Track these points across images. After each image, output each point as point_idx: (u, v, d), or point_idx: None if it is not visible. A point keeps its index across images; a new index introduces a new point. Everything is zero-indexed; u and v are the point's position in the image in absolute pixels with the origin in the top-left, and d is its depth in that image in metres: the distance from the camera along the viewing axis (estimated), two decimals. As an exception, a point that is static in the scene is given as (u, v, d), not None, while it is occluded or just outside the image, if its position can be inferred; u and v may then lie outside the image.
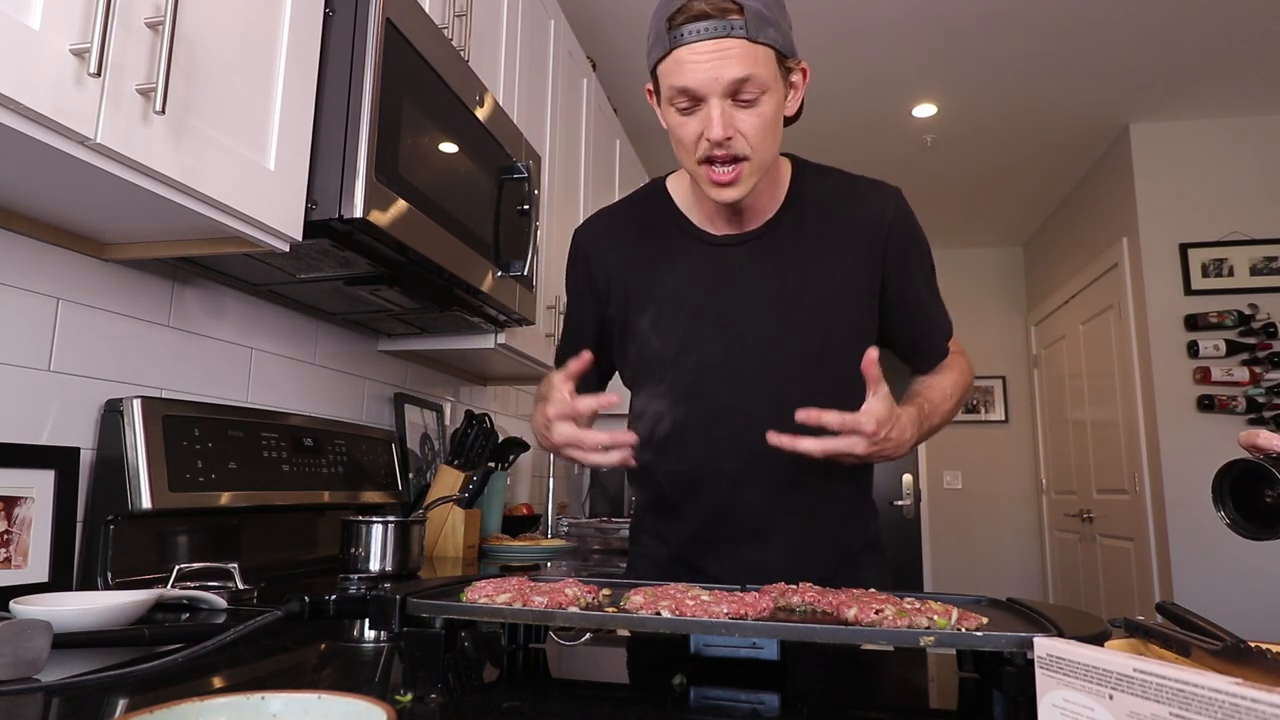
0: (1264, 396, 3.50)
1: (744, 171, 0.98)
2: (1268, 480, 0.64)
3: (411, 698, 0.64)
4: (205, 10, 1.03)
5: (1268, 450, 0.68)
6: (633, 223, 1.17)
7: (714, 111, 0.94)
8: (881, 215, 1.09)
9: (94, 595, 1.01)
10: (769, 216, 1.10)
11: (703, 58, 0.92)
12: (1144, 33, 3.11)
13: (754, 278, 1.08)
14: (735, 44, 0.92)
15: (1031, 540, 5.35)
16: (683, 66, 0.94)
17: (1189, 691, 0.41)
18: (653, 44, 0.99)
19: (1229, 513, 0.67)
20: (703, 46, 0.92)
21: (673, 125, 1.00)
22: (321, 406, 1.81)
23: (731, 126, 0.95)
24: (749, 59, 0.93)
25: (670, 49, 0.95)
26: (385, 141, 1.29)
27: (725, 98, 0.94)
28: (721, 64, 0.92)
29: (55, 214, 1.13)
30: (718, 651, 0.72)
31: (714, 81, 0.93)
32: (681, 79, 0.94)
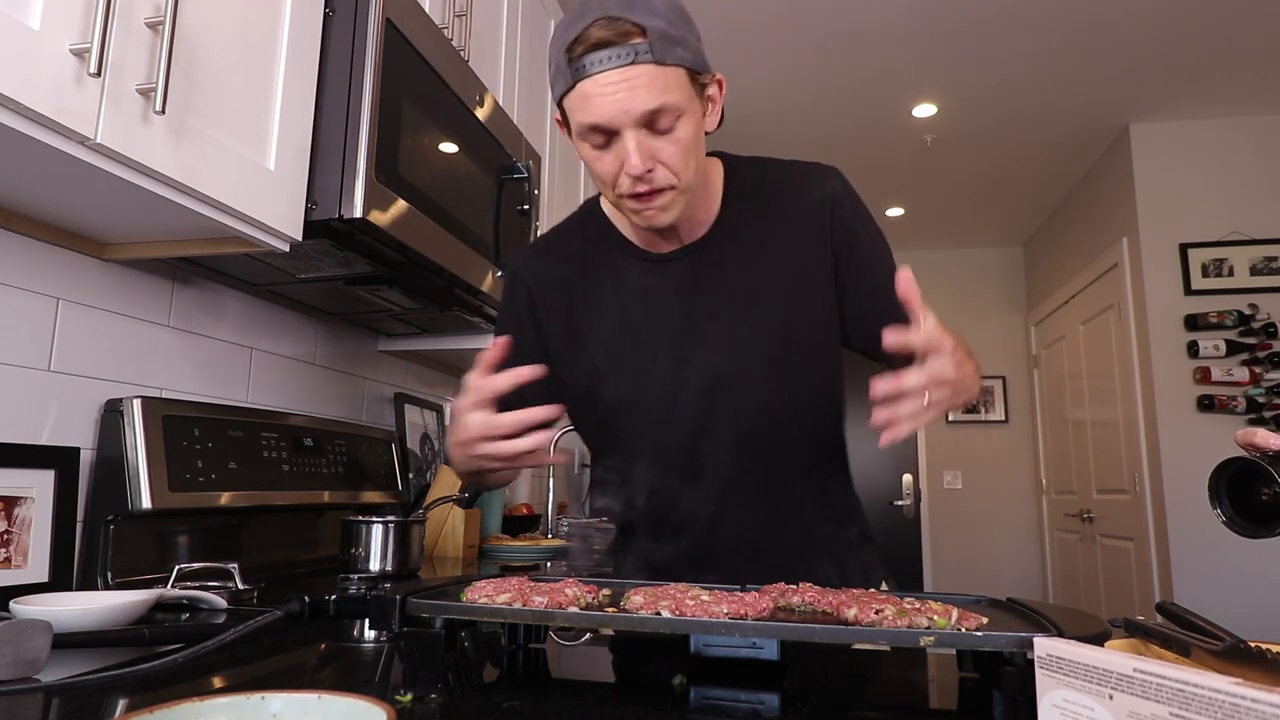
0: (1264, 396, 3.50)
1: (670, 198, 0.92)
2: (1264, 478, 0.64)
3: (411, 698, 0.63)
4: (205, 10, 1.03)
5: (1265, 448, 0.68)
6: (571, 250, 1.10)
7: (629, 145, 0.87)
8: (820, 197, 1.03)
9: (94, 595, 1.01)
10: (708, 226, 1.04)
11: (610, 90, 0.85)
12: (1144, 33, 3.11)
13: (704, 291, 1.02)
14: (642, 70, 0.85)
15: (1031, 540, 5.35)
16: (589, 101, 0.87)
17: (1189, 691, 0.41)
18: (554, 76, 0.91)
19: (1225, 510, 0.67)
20: (607, 78, 0.85)
21: (588, 160, 0.93)
22: (321, 406, 1.81)
23: (651, 158, 0.88)
24: (659, 85, 0.86)
25: (574, 82, 0.87)
26: (385, 141, 1.29)
27: (639, 128, 0.87)
28: (630, 95, 0.85)
29: (55, 214, 1.13)
30: (718, 651, 0.72)
31: (625, 115, 0.86)
32: (589, 115, 0.87)
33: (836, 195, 1.04)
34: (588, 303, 1.06)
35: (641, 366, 1.03)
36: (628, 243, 1.07)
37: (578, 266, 1.08)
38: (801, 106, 3.67)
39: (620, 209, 0.97)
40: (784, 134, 3.84)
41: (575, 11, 0.89)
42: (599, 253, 1.08)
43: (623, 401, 1.05)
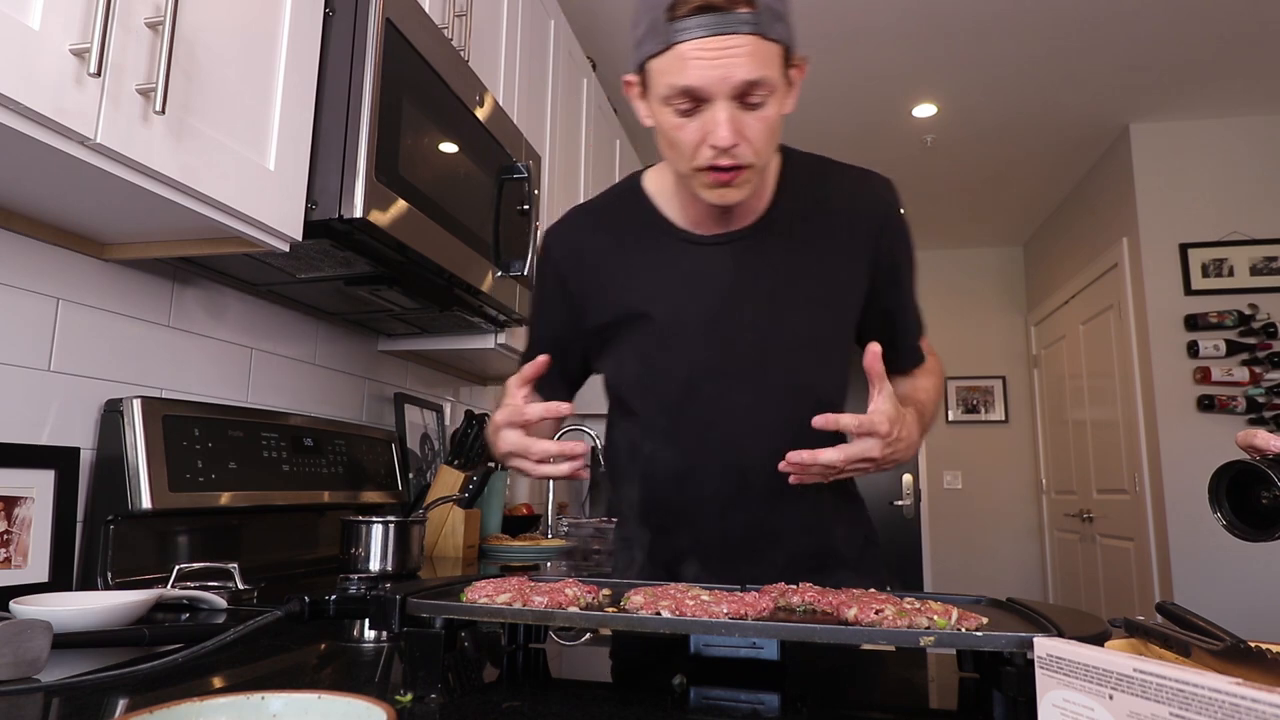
0: (1264, 396, 3.50)
1: (745, 175, 0.91)
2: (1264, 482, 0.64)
3: (411, 698, 0.63)
4: (205, 10, 1.03)
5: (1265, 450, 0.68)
6: (609, 224, 1.08)
7: (721, 115, 0.85)
8: (874, 209, 1.03)
9: (94, 595, 1.01)
10: (759, 214, 1.03)
11: (710, 55, 0.83)
12: (1144, 33, 3.11)
13: (743, 280, 1.01)
14: (746, 41, 0.83)
15: (1031, 540, 5.35)
16: (686, 64, 0.84)
17: (1189, 691, 0.41)
18: (645, 34, 0.88)
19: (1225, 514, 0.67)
20: (710, 43, 0.83)
21: (667, 127, 0.90)
22: (321, 406, 1.81)
23: (739, 132, 0.86)
24: (760, 59, 0.84)
25: (671, 43, 0.84)
26: (385, 141, 1.29)
27: (732, 100, 0.85)
28: (732, 63, 0.83)
29: (55, 214, 1.13)
30: (718, 651, 0.72)
31: (723, 82, 0.84)
32: (685, 78, 0.84)
33: (889, 214, 1.04)
34: (617, 279, 1.06)
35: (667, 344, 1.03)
36: (668, 222, 1.05)
37: (613, 241, 1.07)
38: (801, 106, 3.66)
39: (689, 182, 0.94)
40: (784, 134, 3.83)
41: None
42: (636, 230, 1.06)
43: (639, 380, 1.06)
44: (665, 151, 0.95)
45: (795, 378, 1.01)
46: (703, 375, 1.02)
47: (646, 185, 1.08)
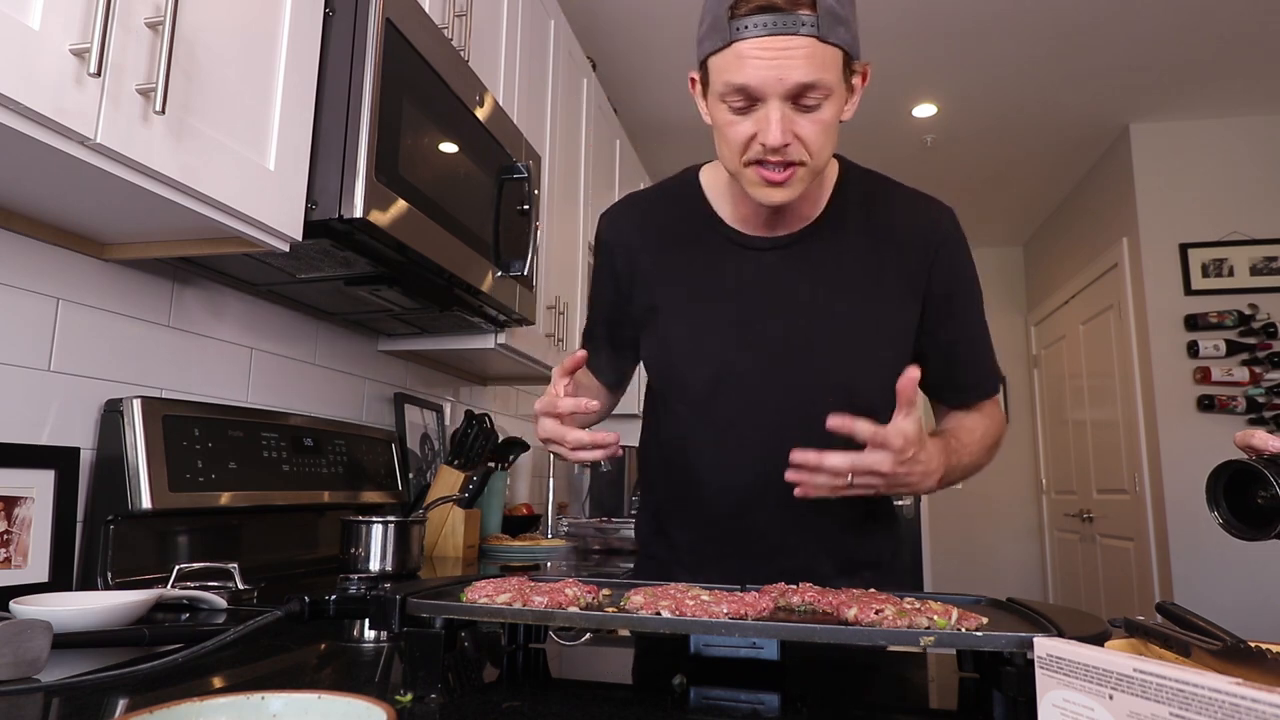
0: (1264, 396, 3.50)
1: (797, 175, 0.90)
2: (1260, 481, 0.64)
3: (411, 698, 0.63)
4: (205, 10, 1.03)
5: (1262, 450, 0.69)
6: (661, 215, 1.10)
7: (773, 115, 0.86)
8: (931, 234, 1.02)
9: (94, 595, 1.01)
10: (808, 222, 1.02)
11: (767, 55, 0.84)
12: (1144, 33, 3.11)
13: (785, 286, 1.01)
14: (804, 43, 0.83)
15: (1031, 540, 5.35)
16: (743, 62, 0.85)
17: (1189, 691, 0.41)
18: (706, 32, 0.89)
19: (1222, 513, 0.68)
20: (768, 43, 0.84)
21: (721, 123, 0.91)
22: (321, 406, 1.81)
23: (790, 132, 0.87)
24: (817, 62, 0.84)
25: (730, 41, 0.85)
26: (385, 141, 1.29)
27: (786, 100, 0.86)
28: (788, 64, 0.84)
29: (55, 214, 1.13)
30: (718, 651, 0.72)
31: (777, 83, 0.84)
32: (741, 76, 0.85)
33: (949, 236, 1.02)
34: (662, 271, 1.07)
35: (704, 342, 1.03)
36: (719, 220, 1.06)
37: (662, 232, 1.08)
38: (801, 106, 3.67)
39: (739, 177, 0.94)
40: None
41: None
42: (688, 224, 1.07)
43: (670, 373, 1.07)
44: (719, 147, 0.95)
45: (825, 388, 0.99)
46: (730, 376, 1.02)
47: (703, 178, 1.09)
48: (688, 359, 1.04)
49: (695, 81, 0.97)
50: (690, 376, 1.04)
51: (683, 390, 1.06)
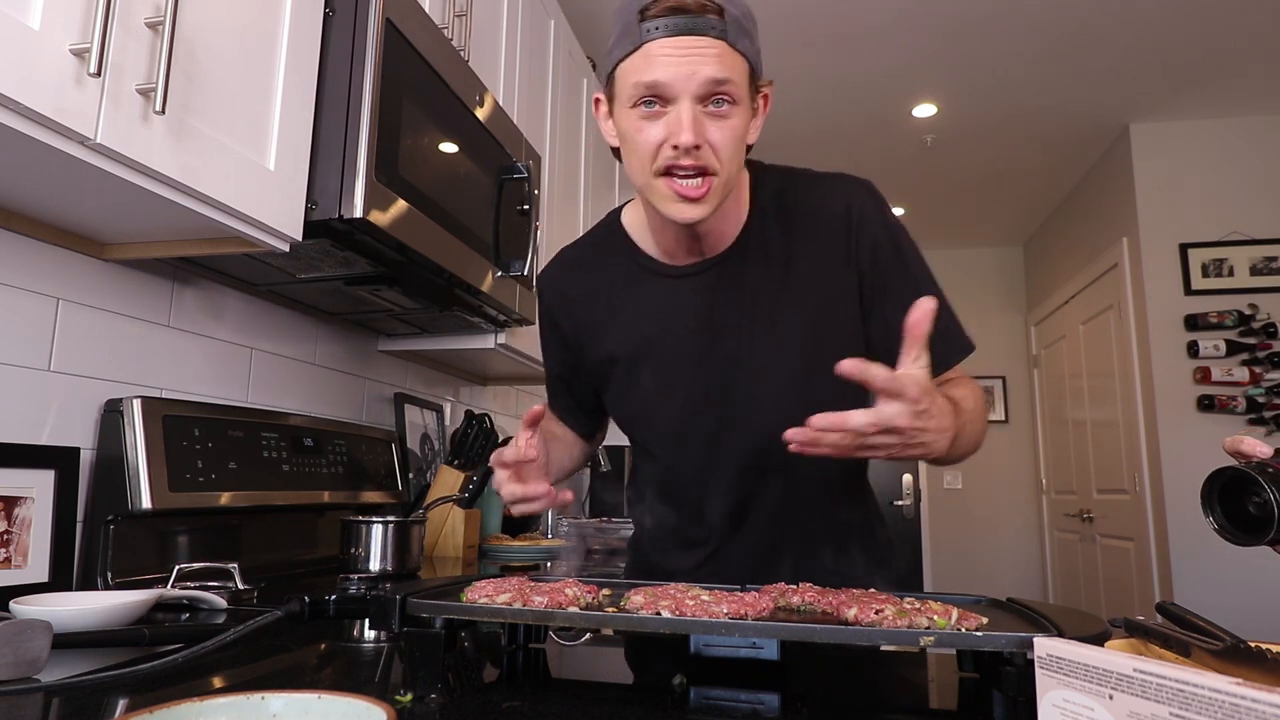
0: (1264, 396, 3.50)
1: (712, 187, 0.87)
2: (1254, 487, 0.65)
3: (411, 698, 0.63)
4: (205, 10, 1.03)
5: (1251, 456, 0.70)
6: (591, 265, 1.09)
7: (684, 114, 0.84)
8: (847, 211, 0.98)
9: (94, 595, 1.01)
10: (732, 239, 1.00)
11: (678, 53, 0.84)
12: (1144, 33, 3.11)
13: (724, 308, 0.99)
14: (714, 44, 0.84)
15: (1031, 540, 5.35)
16: (653, 60, 0.84)
17: (1189, 691, 0.41)
18: (616, 40, 0.89)
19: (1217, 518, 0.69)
20: (678, 41, 0.84)
21: (629, 132, 0.89)
22: (321, 406, 1.81)
23: (702, 134, 0.85)
24: (727, 62, 0.85)
25: (641, 42, 0.85)
26: (385, 141, 1.29)
27: (697, 101, 0.85)
28: (699, 60, 0.83)
29: (55, 214, 1.13)
30: (718, 651, 0.72)
31: (689, 79, 0.84)
32: (651, 74, 0.84)
33: (864, 210, 0.98)
34: (606, 318, 1.06)
35: (660, 382, 1.02)
36: (646, 257, 1.04)
37: (595, 281, 1.07)
38: (801, 106, 3.67)
39: (650, 194, 0.91)
40: (784, 134, 3.84)
41: None
42: (618, 267, 1.06)
43: (639, 417, 1.07)
44: (628, 161, 0.92)
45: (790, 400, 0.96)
46: (697, 408, 1.01)
47: (624, 219, 1.08)
48: (647, 403, 1.04)
49: (600, 101, 0.96)
50: (658, 417, 1.04)
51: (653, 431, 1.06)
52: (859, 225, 0.98)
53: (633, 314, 1.04)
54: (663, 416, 1.04)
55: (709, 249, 1.00)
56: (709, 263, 1.00)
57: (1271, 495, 0.64)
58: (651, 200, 0.92)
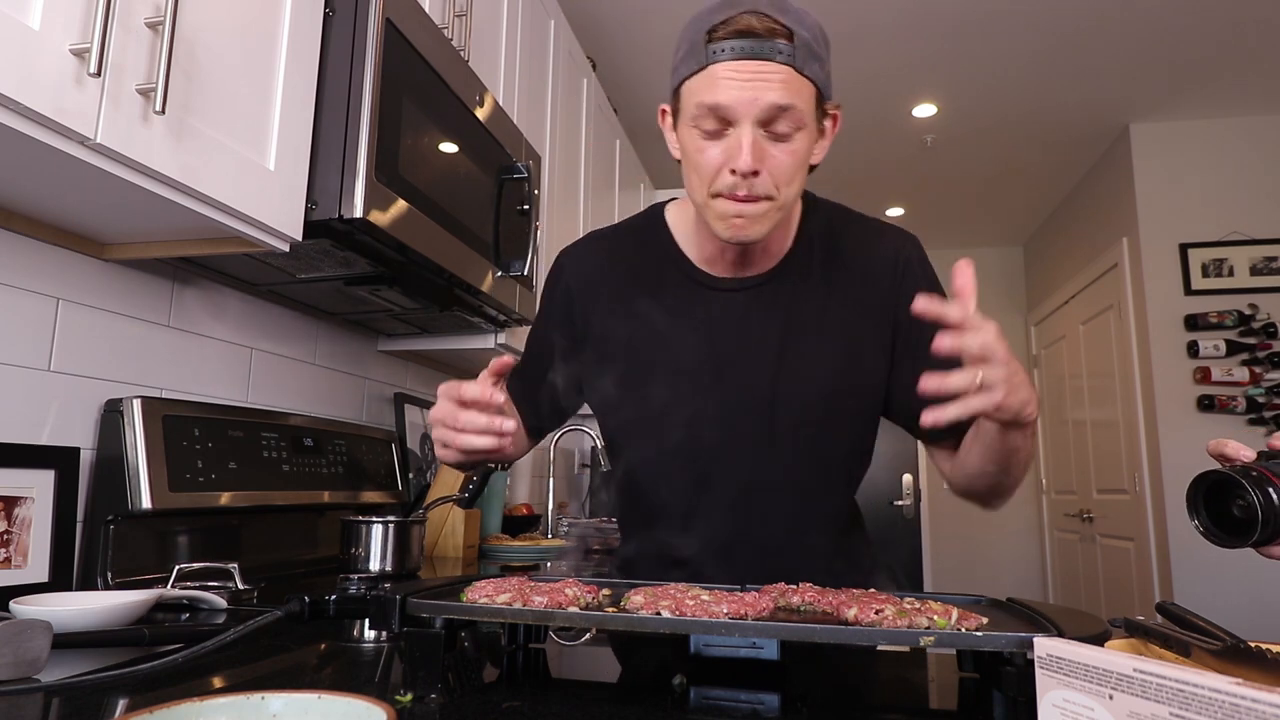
0: (1264, 396, 3.50)
1: (765, 210, 0.87)
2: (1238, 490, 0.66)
3: (411, 698, 0.64)
4: (205, 10, 1.03)
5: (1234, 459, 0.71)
6: (626, 256, 1.06)
7: (745, 139, 0.83)
8: (895, 262, 0.99)
9: (94, 595, 1.01)
10: (775, 261, 1.00)
11: (742, 76, 0.83)
12: (1144, 33, 3.11)
13: (756, 329, 0.98)
14: (780, 70, 0.83)
15: (1031, 540, 5.35)
16: (717, 83, 0.84)
17: (1189, 691, 0.41)
18: (683, 58, 0.88)
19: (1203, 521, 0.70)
20: (744, 65, 0.83)
21: (690, 150, 0.89)
22: (321, 406, 1.81)
23: (761, 160, 0.85)
24: (792, 88, 0.83)
25: (706, 64, 0.84)
26: (385, 141, 1.29)
27: (758, 126, 0.84)
28: (763, 85, 0.82)
29: (55, 214, 1.13)
30: (718, 651, 0.72)
31: (752, 104, 0.83)
32: (714, 96, 0.84)
33: (910, 262, 1.00)
34: (625, 313, 1.03)
35: (671, 387, 0.99)
36: (686, 260, 1.02)
37: (626, 271, 1.05)
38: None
39: (706, 211, 0.90)
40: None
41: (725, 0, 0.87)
42: (651, 262, 1.04)
43: (631, 423, 1.03)
44: (688, 177, 0.92)
45: (803, 433, 0.97)
46: (704, 423, 0.99)
47: (669, 216, 1.06)
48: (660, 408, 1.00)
49: (665, 113, 0.95)
50: (664, 425, 1.00)
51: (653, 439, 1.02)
52: (904, 275, 0.99)
53: (661, 314, 1.01)
54: (667, 424, 1.00)
55: (752, 266, 1.00)
56: (749, 280, 1.00)
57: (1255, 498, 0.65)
58: (706, 217, 0.92)
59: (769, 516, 1.00)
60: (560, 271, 1.10)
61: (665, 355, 1.00)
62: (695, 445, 0.99)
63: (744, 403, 0.98)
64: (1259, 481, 0.65)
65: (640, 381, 1.01)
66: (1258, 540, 0.66)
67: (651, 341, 1.01)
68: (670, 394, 1.00)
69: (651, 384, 1.00)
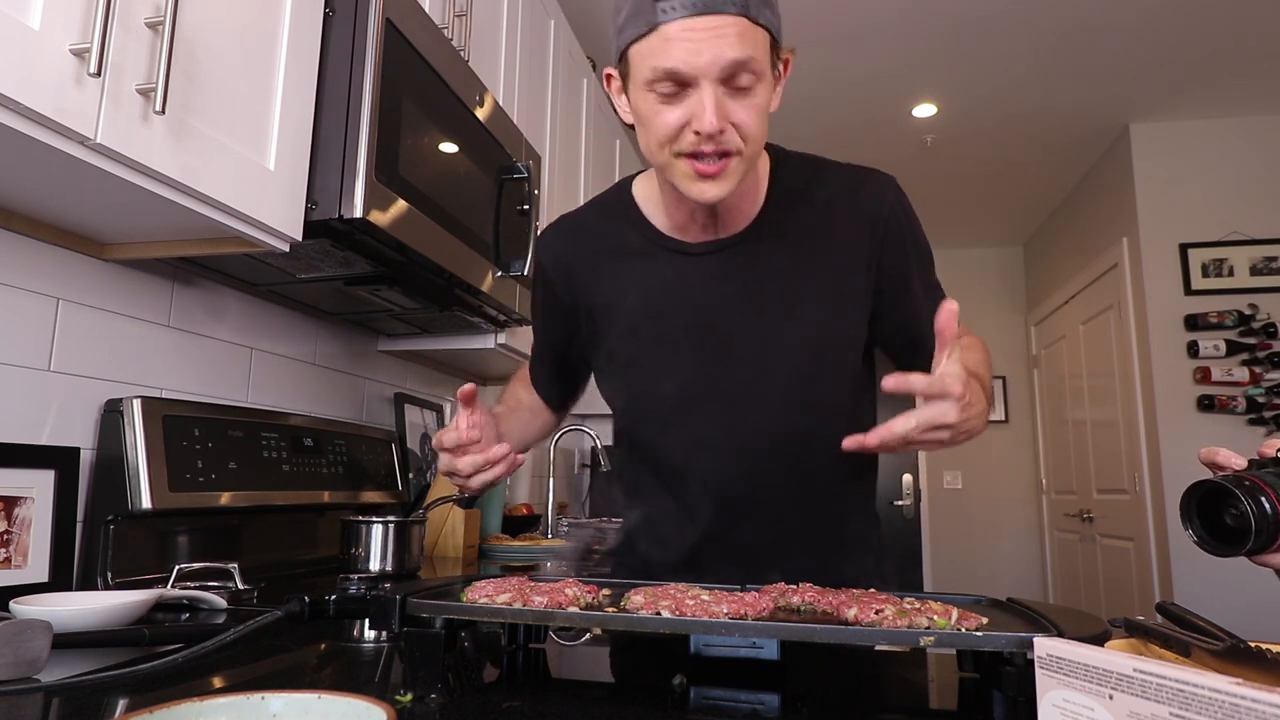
0: (1264, 396, 3.50)
1: (730, 166, 0.84)
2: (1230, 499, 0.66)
3: (411, 698, 0.64)
4: (205, 10, 1.03)
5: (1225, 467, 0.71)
6: (597, 232, 1.05)
7: (708, 99, 0.80)
8: (876, 209, 0.96)
9: (94, 595, 1.01)
10: (749, 220, 0.97)
11: (696, 35, 0.79)
12: (1144, 33, 3.11)
13: (735, 291, 0.97)
14: (733, 21, 0.79)
15: (1031, 540, 5.35)
16: (671, 45, 0.80)
17: (1189, 691, 0.41)
18: (627, 19, 0.84)
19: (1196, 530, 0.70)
20: (696, 22, 0.79)
21: (645, 114, 0.85)
22: (321, 406, 1.81)
23: (726, 118, 0.81)
24: (749, 39, 0.80)
25: (656, 24, 0.80)
26: (385, 141, 1.29)
27: (719, 83, 0.81)
28: (720, 42, 0.79)
29: (55, 214, 1.13)
30: (718, 651, 0.72)
31: (712, 64, 0.79)
32: (669, 59, 0.80)
33: (894, 210, 0.97)
34: (606, 289, 1.03)
35: (657, 361, 0.99)
36: (655, 231, 1.01)
37: (601, 248, 1.04)
38: (802, 106, 3.67)
39: (669, 171, 0.88)
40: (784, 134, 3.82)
41: None
42: (624, 237, 1.02)
43: (635, 395, 1.04)
44: (644, 143, 0.89)
45: (796, 392, 0.96)
46: (696, 391, 0.98)
47: (636, 191, 1.05)
48: (648, 379, 1.00)
49: (612, 77, 0.92)
50: (654, 396, 1.00)
51: (648, 411, 1.02)
52: (887, 222, 0.97)
53: (637, 288, 1.00)
54: (659, 396, 1.00)
55: (724, 228, 0.98)
56: (722, 243, 0.98)
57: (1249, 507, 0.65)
58: (670, 178, 0.89)
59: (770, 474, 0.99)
60: (539, 260, 1.10)
61: (648, 326, 0.99)
62: (688, 412, 0.99)
63: (733, 367, 0.97)
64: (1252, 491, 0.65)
65: (628, 355, 1.02)
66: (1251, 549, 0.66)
67: (632, 314, 1.00)
68: (659, 366, 0.99)
69: (639, 357, 1.01)
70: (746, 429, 0.97)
